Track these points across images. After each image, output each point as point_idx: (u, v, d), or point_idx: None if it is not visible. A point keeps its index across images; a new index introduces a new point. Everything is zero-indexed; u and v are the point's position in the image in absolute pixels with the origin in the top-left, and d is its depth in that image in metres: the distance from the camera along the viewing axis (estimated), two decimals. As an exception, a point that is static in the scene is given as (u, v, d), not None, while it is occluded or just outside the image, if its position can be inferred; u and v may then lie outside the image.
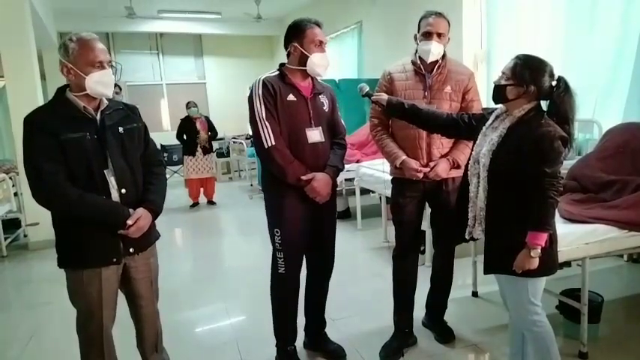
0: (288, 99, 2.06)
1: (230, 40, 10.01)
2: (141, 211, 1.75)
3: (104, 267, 1.71)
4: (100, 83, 1.65)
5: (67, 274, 1.75)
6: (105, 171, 1.69)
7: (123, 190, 1.73)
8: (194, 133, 6.19)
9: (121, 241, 1.73)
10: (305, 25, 2.06)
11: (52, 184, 1.60)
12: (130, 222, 1.70)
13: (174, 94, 10.21)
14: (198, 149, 6.23)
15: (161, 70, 10.28)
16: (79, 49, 1.63)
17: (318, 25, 2.09)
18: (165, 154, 8.33)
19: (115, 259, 1.73)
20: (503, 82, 1.70)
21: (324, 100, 2.19)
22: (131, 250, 1.77)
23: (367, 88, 2.13)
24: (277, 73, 2.12)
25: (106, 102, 1.75)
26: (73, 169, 1.63)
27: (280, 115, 2.03)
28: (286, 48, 2.12)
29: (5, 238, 4.70)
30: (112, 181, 1.71)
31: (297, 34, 2.07)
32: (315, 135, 2.10)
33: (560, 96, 1.64)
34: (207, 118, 6.42)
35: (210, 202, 6.60)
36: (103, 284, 1.71)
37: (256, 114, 2.02)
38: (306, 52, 2.05)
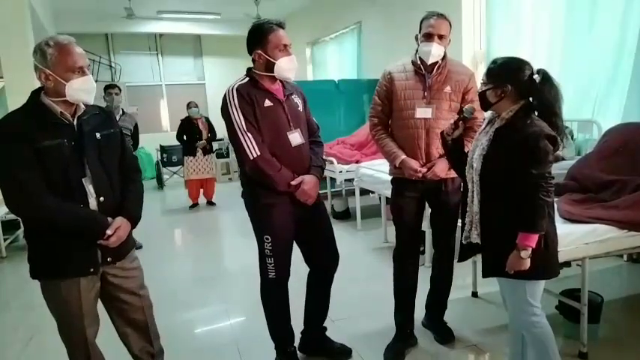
0: (265, 105, 1.99)
1: (229, 41, 9.99)
2: (120, 221, 1.69)
3: (82, 277, 1.66)
4: (81, 90, 1.60)
5: (42, 284, 1.69)
6: (83, 179, 1.63)
7: (101, 199, 1.66)
8: (195, 134, 6.18)
9: (100, 250, 1.68)
10: (267, 29, 1.96)
11: (29, 193, 1.51)
12: (109, 232, 1.64)
13: (174, 94, 10.21)
14: (198, 150, 6.23)
15: (160, 71, 10.29)
16: (57, 54, 1.55)
17: (281, 26, 1.99)
18: (165, 155, 8.33)
19: (92, 269, 1.67)
20: (483, 88, 1.71)
21: (297, 100, 2.14)
22: (109, 259, 1.72)
23: (469, 113, 1.92)
24: (248, 79, 2.03)
25: (83, 107, 1.67)
26: (50, 177, 1.55)
27: (260, 122, 1.97)
28: (250, 54, 2.03)
29: (5, 239, 4.69)
30: (89, 189, 1.64)
31: (259, 40, 1.97)
32: (296, 138, 2.06)
33: (540, 86, 1.62)
34: (207, 119, 6.42)
35: (210, 203, 6.58)
36: (82, 294, 1.66)
37: (236, 126, 1.95)
38: (271, 59, 1.96)
